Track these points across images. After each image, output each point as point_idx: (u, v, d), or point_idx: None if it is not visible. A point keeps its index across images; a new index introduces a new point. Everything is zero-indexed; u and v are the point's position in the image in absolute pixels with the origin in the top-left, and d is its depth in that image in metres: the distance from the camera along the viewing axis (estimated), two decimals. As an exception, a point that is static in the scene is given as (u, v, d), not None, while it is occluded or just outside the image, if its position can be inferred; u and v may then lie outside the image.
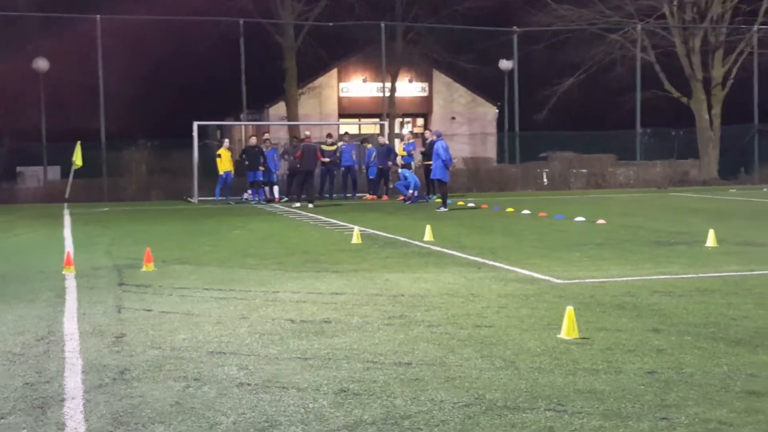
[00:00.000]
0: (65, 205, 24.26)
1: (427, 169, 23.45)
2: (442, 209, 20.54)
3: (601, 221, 17.01)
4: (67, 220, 19.44)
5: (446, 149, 20.75)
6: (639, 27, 33.65)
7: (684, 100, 35.41)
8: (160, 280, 10.12)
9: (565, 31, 34.77)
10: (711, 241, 12.91)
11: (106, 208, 23.38)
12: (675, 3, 34.71)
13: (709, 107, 34.96)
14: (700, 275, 10.15)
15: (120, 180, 27.34)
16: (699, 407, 5.12)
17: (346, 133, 28.80)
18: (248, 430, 4.85)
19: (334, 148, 26.23)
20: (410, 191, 24.02)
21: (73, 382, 5.81)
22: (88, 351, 6.68)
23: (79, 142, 25.55)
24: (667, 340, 6.83)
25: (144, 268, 10.96)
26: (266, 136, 26.72)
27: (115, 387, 5.68)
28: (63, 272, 10.74)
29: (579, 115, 40.39)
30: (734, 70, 34.93)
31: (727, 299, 8.55)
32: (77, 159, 25.41)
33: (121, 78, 33.68)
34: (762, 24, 34.32)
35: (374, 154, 26.36)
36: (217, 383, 5.74)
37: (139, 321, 7.80)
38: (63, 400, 5.41)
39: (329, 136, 27.03)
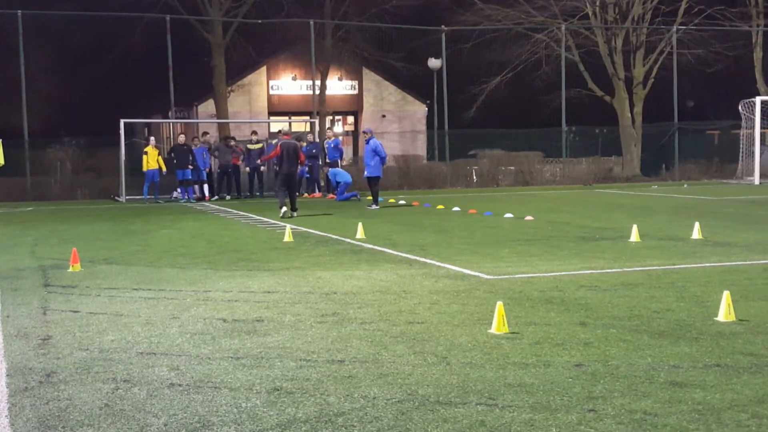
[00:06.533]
0: (-15, 205, 23.59)
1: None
2: (374, 207, 20.60)
3: (529, 218, 17.29)
4: (-13, 220, 18.91)
5: (380, 147, 20.87)
6: (563, 27, 34.26)
7: (607, 98, 36.27)
8: (88, 281, 9.92)
9: (491, 30, 35.20)
10: (634, 236, 13.25)
11: (30, 208, 22.79)
12: (598, 4, 35.48)
13: (631, 106, 35.86)
14: (625, 269, 10.41)
15: (44, 179, 26.70)
16: (625, 398, 5.26)
17: (280, 131, 28.65)
18: (180, 431, 4.80)
19: (259, 146, 26.16)
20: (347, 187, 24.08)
21: (-2, 386, 5.67)
22: (13, 354, 6.52)
23: (0, 140, 24.81)
24: (594, 333, 6.99)
25: (70, 269, 10.74)
26: (206, 137, 26.56)
27: (41, 390, 5.56)
28: (-15, 274, 10.47)
29: (507, 113, 41.00)
30: (655, 70, 35.89)
31: (650, 293, 8.78)
32: (-2, 157, 24.68)
33: (45, 74, 32.80)
34: (681, 24, 35.33)
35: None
36: (148, 384, 5.67)
37: (65, 322, 7.64)
38: (-13, 405, 5.28)
39: (254, 133, 26.93)
